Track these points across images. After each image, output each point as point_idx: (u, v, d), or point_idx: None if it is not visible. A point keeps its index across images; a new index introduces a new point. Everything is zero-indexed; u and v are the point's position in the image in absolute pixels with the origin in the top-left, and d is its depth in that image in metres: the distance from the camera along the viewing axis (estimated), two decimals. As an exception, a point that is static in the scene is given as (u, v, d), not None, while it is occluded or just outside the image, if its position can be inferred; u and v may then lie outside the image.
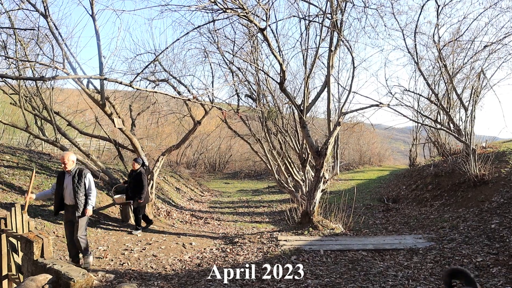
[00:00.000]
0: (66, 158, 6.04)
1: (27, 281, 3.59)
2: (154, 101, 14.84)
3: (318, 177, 9.18)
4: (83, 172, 6.09)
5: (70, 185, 6.05)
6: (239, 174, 28.04)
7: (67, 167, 6.03)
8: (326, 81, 9.30)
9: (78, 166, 6.23)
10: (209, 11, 6.93)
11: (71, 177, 6.05)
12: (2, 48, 9.95)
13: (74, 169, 6.09)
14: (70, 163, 6.04)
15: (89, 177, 6.15)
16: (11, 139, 19.23)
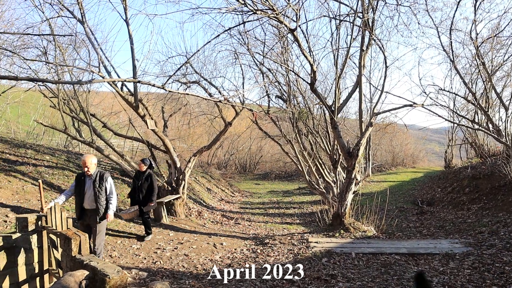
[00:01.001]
0: (88, 161, 5.84)
1: (66, 276, 3.73)
2: (186, 102, 15.07)
3: (349, 179, 9.05)
4: (104, 175, 5.91)
5: (91, 189, 5.84)
6: (270, 175, 28.04)
7: (89, 171, 5.84)
8: (358, 81, 9.15)
9: (99, 169, 6.04)
10: (239, 13, 6.96)
11: (92, 181, 5.85)
12: (43, 54, 10.41)
13: (95, 172, 5.90)
14: (92, 166, 5.85)
15: (110, 181, 5.99)
16: (50, 140, 20.03)
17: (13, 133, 19.45)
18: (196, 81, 12.38)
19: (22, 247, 5.08)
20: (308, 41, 9.32)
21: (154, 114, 11.80)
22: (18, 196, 8.21)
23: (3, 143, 11.94)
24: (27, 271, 5.14)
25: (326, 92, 13.18)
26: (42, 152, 12.46)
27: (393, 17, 13.80)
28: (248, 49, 10.78)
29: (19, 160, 10.49)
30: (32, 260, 5.21)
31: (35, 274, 5.25)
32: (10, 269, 4.97)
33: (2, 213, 6.97)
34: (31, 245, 5.19)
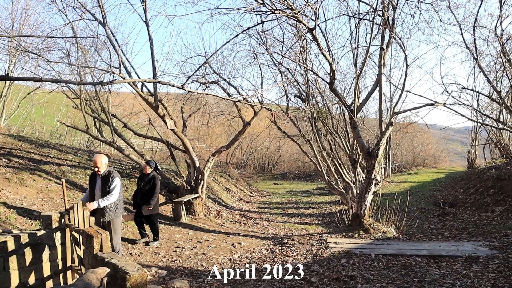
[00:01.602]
0: (99, 161, 5.89)
1: (88, 273, 3.81)
2: (205, 102, 15.17)
3: (369, 179, 8.95)
4: (111, 175, 5.91)
5: (100, 188, 5.93)
6: (288, 175, 27.98)
7: (100, 171, 5.91)
8: (378, 80, 9.04)
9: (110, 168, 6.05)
10: (257, 13, 6.97)
11: (101, 180, 5.94)
12: (66, 56, 10.66)
13: (105, 172, 5.94)
14: (103, 166, 5.90)
15: (117, 181, 5.92)
16: (73, 140, 20.49)
17: (37, 133, 19.98)
18: (215, 81, 12.46)
19: (47, 244, 5.22)
20: (327, 40, 9.26)
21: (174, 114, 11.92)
22: (42, 194, 8.42)
23: (29, 143, 12.28)
24: (51, 268, 5.28)
25: (345, 91, 13.07)
26: (65, 151, 12.76)
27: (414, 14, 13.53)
28: (266, 48, 10.77)
29: (43, 159, 10.76)
30: (56, 257, 5.34)
31: (59, 270, 5.38)
32: (35, 265, 5.11)
33: (27, 211, 7.17)
34: (55, 242, 5.32)
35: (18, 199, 7.61)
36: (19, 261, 4.96)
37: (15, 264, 4.91)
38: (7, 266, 4.83)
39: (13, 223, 6.55)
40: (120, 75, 8.91)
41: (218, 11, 6.75)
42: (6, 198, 7.29)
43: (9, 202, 7.16)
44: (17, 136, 14.19)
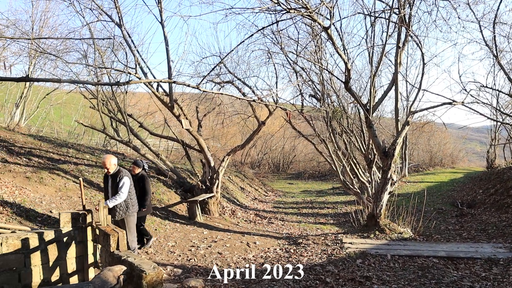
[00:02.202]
0: (107, 162, 5.97)
1: (106, 270, 3.88)
2: (220, 102, 15.23)
3: (385, 179, 8.85)
4: (119, 174, 6.00)
5: (111, 188, 6.07)
6: (303, 174, 27.89)
7: (109, 171, 6.01)
8: (394, 79, 8.93)
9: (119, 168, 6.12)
10: (272, 12, 6.96)
11: (111, 180, 6.05)
12: (83, 57, 10.84)
13: (115, 172, 6.04)
14: (112, 166, 5.98)
15: (125, 180, 5.99)
16: (90, 140, 20.81)
17: (56, 133, 20.36)
18: (230, 81, 12.50)
19: (66, 242, 5.33)
20: (342, 39, 9.20)
21: (189, 114, 12.00)
22: (61, 193, 8.58)
23: (47, 143, 12.52)
24: (69, 265, 5.38)
25: (361, 90, 12.96)
26: (82, 151, 12.97)
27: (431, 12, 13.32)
28: (281, 48, 10.75)
29: (62, 158, 10.96)
30: (74, 255, 5.44)
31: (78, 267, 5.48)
32: (54, 262, 5.22)
33: (47, 209, 7.31)
34: (74, 239, 5.42)
35: (38, 197, 7.76)
36: (39, 258, 5.08)
37: (35, 260, 5.02)
38: (28, 263, 4.95)
39: (33, 221, 6.68)
40: (136, 76, 9.02)
41: (232, 11, 6.77)
42: (26, 197, 7.45)
43: (29, 201, 7.31)
44: (37, 136, 14.49)
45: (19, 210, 6.75)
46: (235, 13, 6.75)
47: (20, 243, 4.91)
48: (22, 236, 4.95)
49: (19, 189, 7.67)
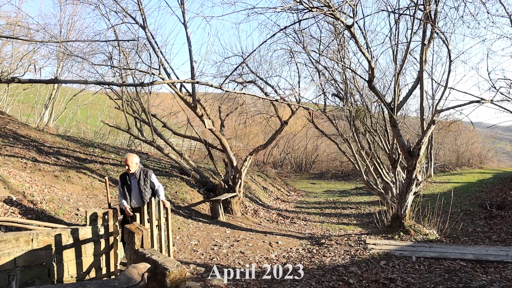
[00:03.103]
0: (130, 160, 5.85)
1: (130, 268, 3.95)
2: (242, 102, 15.28)
3: (410, 179, 8.68)
4: (148, 173, 5.96)
5: (136, 188, 5.90)
6: (326, 174, 27.65)
7: (130, 170, 5.86)
8: (419, 77, 8.75)
9: (141, 167, 6.03)
10: (294, 11, 6.94)
11: (136, 180, 5.90)
12: (108, 59, 11.09)
13: (138, 171, 5.93)
14: (133, 165, 5.86)
15: (154, 177, 6.03)
16: (115, 139, 21.27)
17: (82, 133, 20.89)
18: (252, 81, 12.53)
19: (93, 239, 5.47)
20: (365, 37, 9.07)
21: (211, 114, 12.10)
22: (87, 192, 8.80)
23: (74, 143, 12.85)
24: (96, 261, 5.52)
25: (385, 89, 12.75)
26: (108, 151, 13.26)
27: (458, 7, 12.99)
28: (303, 47, 10.70)
29: (88, 158, 11.23)
30: (101, 251, 5.58)
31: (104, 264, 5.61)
32: (85, 258, 5.38)
33: (74, 207, 7.51)
34: (100, 237, 5.56)
35: (66, 195, 7.99)
36: (68, 254, 5.23)
37: (64, 256, 5.18)
38: (57, 258, 5.11)
39: (61, 218, 6.88)
40: (159, 76, 9.16)
41: (255, 11, 6.77)
42: (55, 195, 7.67)
43: (57, 199, 7.53)
44: (64, 136, 14.90)
45: (48, 208, 6.96)
46: (257, 13, 6.75)
47: (49, 239, 5.08)
48: (51, 233, 5.12)
49: (48, 187, 7.90)
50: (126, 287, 3.59)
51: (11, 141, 10.28)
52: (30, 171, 8.48)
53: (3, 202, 6.39)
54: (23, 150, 9.74)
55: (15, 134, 11.24)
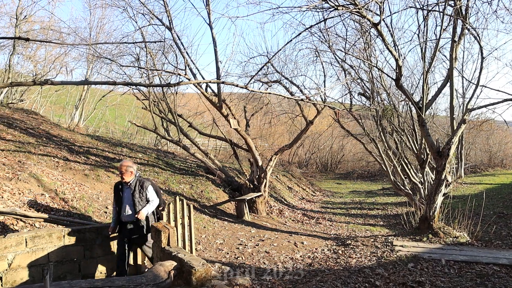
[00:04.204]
0: (124, 168, 5.21)
1: (157, 265, 4.03)
2: (267, 102, 15.28)
3: (439, 180, 8.46)
4: (144, 184, 5.29)
5: (129, 199, 5.24)
6: (352, 174, 27.31)
7: (125, 178, 5.22)
8: (449, 75, 8.51)
9: (138, 177, 5.39)
10: (319, 10, 6.88)
11: (131, 191, 5.25)
12: (136, 60, 11.32)
13: (133, 181, 5.28)
14: (128, 174, 5.22)
15: (151, 189, 5.35)
16: (142, 139, 21.70)
17: (111, 132, 21.41)
18: (277, 80, 12.50)
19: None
20: (392, 35, 8.90)
21: (237, 114, 12.15)
22: (115, 190, 8.99)
23: (103, 142, 13.18)
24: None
25: (413, 88, 12.47)
26: (135, 150, 13.53)
27: (491, 1, 12.56)
28: (329, 46, 10.59)
29: (116, 157, 11.49)
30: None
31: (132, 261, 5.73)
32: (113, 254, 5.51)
33: (103, 205, 7.70)
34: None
35: (95, 193, 8.19)
36: (97, 250, 5.38)
37: (93, 253, 5.34)
38: (87, 255, 5.26)
39: (90, 216, 7.06)
40: (185, 77, 9.27)
41: (280, 10, 6.77)
42: (85, 193, 7.88)
43: (87, 197, 7.74)
44: (94, 135, 15.31)
45: (79, 205, 7.16)
46: (282, 12, 6.73)
47: (80, 236, 5.24)
48: (82, 230, 5.27)
49: (78, 185, 8.13)
50: (153, 284, 3.66)
51: (44, 140, 10.63)
52: (61, 169, 8.75)
53: (36, 199, 6.61)
54: (55, 150, 10.06)
55: (48, 134, 11.62)
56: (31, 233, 4.86)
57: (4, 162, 7.78)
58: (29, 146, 9.59)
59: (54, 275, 4.88)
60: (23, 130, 10.99)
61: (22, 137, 10.18)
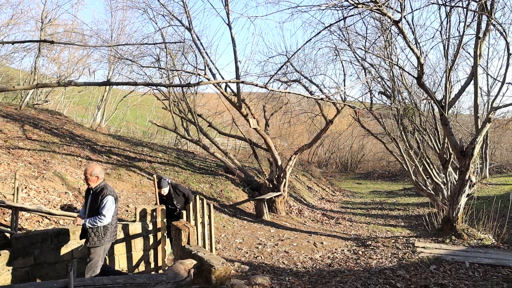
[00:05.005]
0: (88, 172, 4.63)
1: (177, 263, 4.06)
2: (286, 101, 15.24)
3: (462, 180, 8.25)
4: (103, 192, 4.61)
5: (89, 205, 4.70)
6: (372, 174, 26.96)
7: (90, 183, 4.66)
8: (473, 73, 8.30)
9: (103, 185, 4.72)
10: (339, 8, 6.80)
11: (92, 196, 4.69)
12: (156, 61, 11.47)
13: (99, 187, 4.67)
14: (93, 178, 4.64)
15: (109, 199, 4.59)
16: (162, 139, 21.96)
17: (132, 132, 21.75)
18: (297, 80, 12.45)
19: (142, 234, 5.69)
20: (414, 32, 8.74)
21: (256, 113, 12.16)
22: (136, 189, 9.13)
23: (124, 142, 13.40)
24: (145, 256, 5.73)
25: (435, 86, 12.21)
26: (155, 150, 13.71)
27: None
28: (349, 44, 10.48)
29: (137, 157, 11.66)
30: (149, 247, 5.78)
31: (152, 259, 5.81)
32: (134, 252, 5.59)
33: (124, 203, 7.82)
34: (149, 232, 5.76)
35: (117, 192, 8.33)
36: (119, 247, 5.47)
37: (116, 250, 5.43)
38: (109, 252, 5.36)
39: (112, 215, 7.19)
40: (205, 77, 9.33)
41: (299, 9, 6.73)
42: (106, 192, 8.03)
43: (108, 196, 7.88)
44: (115, 135, 15.58)
45: (100, 204, 7.29)
46: (301, 11, 6.72)
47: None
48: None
49: (100, 184, 8.29)
50: (173, 282, 3.69)
51: (68, 140, 10.88)
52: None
53: (61, 197, 6.77)
54: (78, 149, 10.28)
55: (71, 134, 11.89)
56: (56, 230, 4.98)
57: (30, 161, 8.00)
58: (54, 145, 9.83)
59: (78, 272, 4.99)
60: (48, 130, 11.27)
61: (47, 137, 10.44)
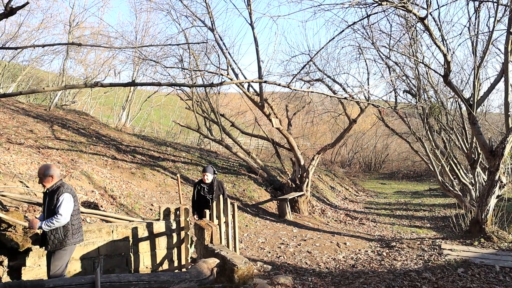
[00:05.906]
0: (41, 172, 4.21)
1: (200, 262, 4.11)
2: (309, 100, 15.16)
3: (492, 181, 8.00)
4: (58, 190, 4.16)
5: (47, 208, 4.22)
6: (397, 174, 26.49)
7: (44, 184, 4.22)
8: (503, 69, 8.02)
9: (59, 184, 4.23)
10: (362, 6, 6.70)
11: (48, 197, 4.22)
12: (179, 62, 11.61)
13: (54, 186, 4.21)
14: (47, 179, 4.19)
15: (65, 197, 4.12)
16: (186, 138, 22.20)
17: (156, 132, 22.09)
18: (319, 79, 12.37)
19: (166, 233, 5.77)
20: (440, 29, 8.52)
21: (278, 113, 12.14)
22: (160, 188, 9.27)
23: (149, 142, 13.61)
24: (168, 254, 5.82)
25: (462, 84, 11.89)
26: (179, 149, 13.87)
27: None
28: (372, 43, 10.32)
29: (161, 156, 11.83)
30: (173, 245, 5.86)
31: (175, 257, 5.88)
32: (158, 250, 5.68)
33: (148, 202, 7.95)
34: (173, 231, 5.84)
35: (141, 191, 8.48)
36: (143, 245, 5.57)
37: (140, 248, 5.53)
38: (134, 249, 5.47)
39: (137, 212, 7.32)
40: (228, 77, 9.38)
41: (321, 8, 6.68)
42: (132, 190, 8.18)
43: (134, 194, 8.03)
44: (140, 135, 15.85)
45: (126, 202, 7.44)
46: (324, 10, 6.65)
47: (127, 231, 5.45)
48: (129, 226, 5.48)
49: (125, 183, 8.45)
50: (196, 280, 3.73)
51: (94, 140, 11.14)
52: (110, 168, 9.13)
53: (87, 195, 6.94)
54: (104, 149, 10.51)
55: (97, 134, 12.17)
56: (83, 227, 5.11)
57: (59, 160, 8.23)
58: (81, 145, 10.09)
59: (104, 268, 5.11)
60: (75, 130, 11.57)
61: (75, 137, 10.72)
